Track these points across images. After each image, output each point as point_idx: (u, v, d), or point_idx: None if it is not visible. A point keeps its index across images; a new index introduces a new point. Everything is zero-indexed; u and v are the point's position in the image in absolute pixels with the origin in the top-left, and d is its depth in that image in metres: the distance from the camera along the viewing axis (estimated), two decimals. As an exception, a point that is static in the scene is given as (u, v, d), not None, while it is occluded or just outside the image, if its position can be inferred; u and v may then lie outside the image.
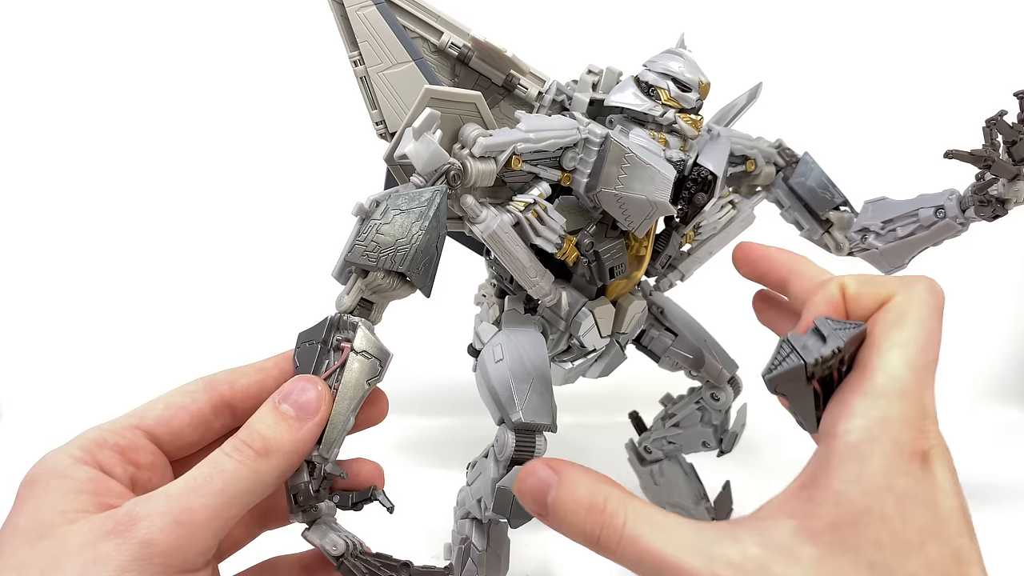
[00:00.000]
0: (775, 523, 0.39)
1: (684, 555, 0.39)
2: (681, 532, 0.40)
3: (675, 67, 0.64)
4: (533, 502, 0.44)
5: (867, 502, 0.38)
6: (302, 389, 0.48)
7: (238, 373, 0.52)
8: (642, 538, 0.40)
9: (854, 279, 0.46)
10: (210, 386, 0.51)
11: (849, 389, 0.42)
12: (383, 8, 0.62)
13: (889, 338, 0.42)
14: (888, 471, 0.38)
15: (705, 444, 0.80)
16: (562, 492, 0.43)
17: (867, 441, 0.39)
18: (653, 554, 0.39)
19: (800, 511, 0.39)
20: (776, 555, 0.38)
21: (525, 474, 0.45)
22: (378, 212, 0.52)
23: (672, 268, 0.76)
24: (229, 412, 0.51)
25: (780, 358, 0.43)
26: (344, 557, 0.48)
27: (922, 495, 0.39)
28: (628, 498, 0.42)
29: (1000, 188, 0.66)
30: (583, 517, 0.42)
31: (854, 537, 0.37)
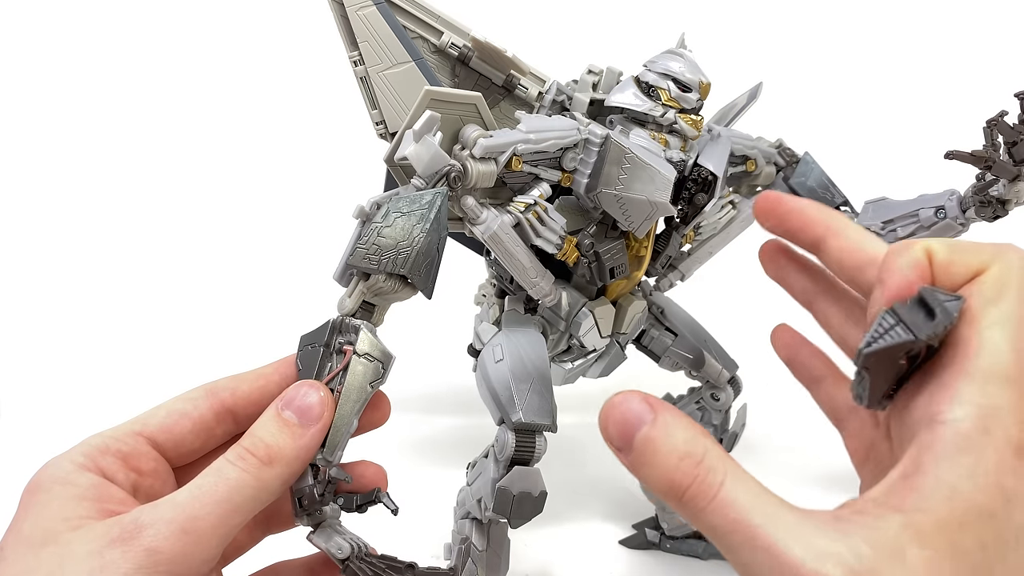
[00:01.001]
0: (882, 518, 0.36)
1: (786, 539, 0.35)
2: (783, 512, 0.36)
3: (675, 67, 0.64)
4: (618, 434, 0.39)
5: (980, 500, 0.35)
6: (304, 394, 0.48)
7: (239, 380, 0.52)
8: (738, 504, 0.36)
9: (942, 244, 0.41)
10: (212, 393, 0.51)
11: (951, 368, 0.38)
12: (383, 8, 0.62)
13: (989, 314, 0.38)
14: (1000, 468, 0.36)
15: (705, 444, 0.80)
16: (656, 430, 0.38)
17: (980, 432, 0.36)
18: (749, 528, 0.35)
19: (907, 503, 0.36)
20: (885, 557, 0.34)
21: (615, 403, 0.39)
22: (379, 215, 0.52)
23: (672, 268, 0.76)
24: (231, 419, 0.51)
25: (882, 330, 0.38)
26: (350, 560, 0.48)
27: (1020, 493, 0.36)
28: (729, 458, 0.38)
29: (1001, 189, 0.66)
30: (674, 464, 0.37)
31: (962, 537, 0.35)
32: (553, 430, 0.62)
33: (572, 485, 0.95)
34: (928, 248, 0.41)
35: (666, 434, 0.38)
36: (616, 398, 0.39)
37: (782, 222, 0.51)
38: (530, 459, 0.61)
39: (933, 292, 0.38)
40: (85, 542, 0.41)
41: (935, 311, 0.38)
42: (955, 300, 0.38)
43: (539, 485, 0.61)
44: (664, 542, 0.85)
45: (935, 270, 0.41)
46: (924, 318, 0.38)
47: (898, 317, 0.38)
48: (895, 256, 0.41)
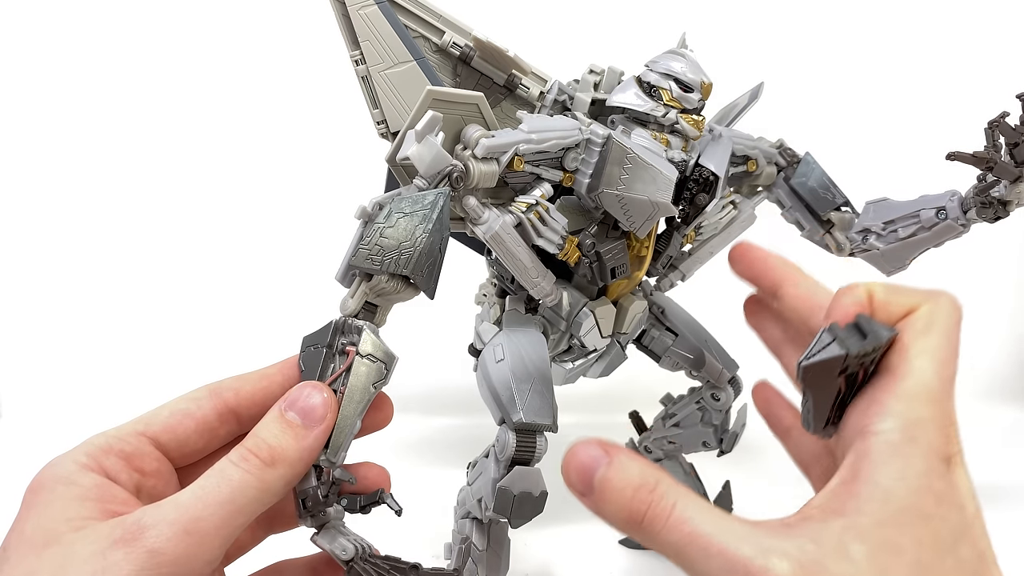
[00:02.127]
0: (825, 521, 0.39)
1: (736, 542, 0.38)
2: (732, 523, 0.40)
3: (677, 67, 0.64)
4: (579, 479, 0.43)
5: (913, 500, 0.39)
6: (308, 395, 0.48)
7: (243, 380, 0.52)
8: (691, 521, 0.39)
9: (882, 286, 0.47)
10: (215, 393, 0.51)
11: (881, 389, 0.43)
12: (385, 7, 0.62)
13: (918, 345, 0.43)
14: (928, 471, 0.40)
15: (705, 444, 0.80)
16: (612, 471, 0.41)
17: (908, 441, 0.40)
18: (702, 538, 0.39)
19: (847, 508, 0.39)
20: (830, 552, 0.38)
21: (574, 450, 0.43)
22: (381, 215, 0.51)
23: (673, 268, 0.76)
24: (234, 419, 0.51)
25: (820, 346, 0.43)
26: (354, 561, 0.48)
27: (953, 497, 0.40)
28: (679, 485, 0.41)
29: (1002, 190, 0.66)
30: (630, 495, 0.41)
31: (900, 535, 0.38)
32: (554, 430, 0.62)
33: (572, 485, 0.95)
34: (870, 289, 0.46)
35: (621, 471, 0.41)
36: (574, 447, 0.43)
37: (749, 268, 0.58)
38: (531, 459, 0.61)
39: (868, 319, 0.44)
40: (88, 543, 0.41)
41: (867, 334, 0.43)
42: (888, 329, 0.44)
43: (540, 485, 0.61)
44: (664, 542, 0.85)
45: (875, 307, 0.46)
46: (857, 339, 0.43)
47: (834, 335, 0.43)
48: (841, 295, 0.47)
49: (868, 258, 0.76)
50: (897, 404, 0.42)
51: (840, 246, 0.76)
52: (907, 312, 0.46)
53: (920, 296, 0.46)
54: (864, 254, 0.76)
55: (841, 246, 0.76)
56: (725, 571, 0.38)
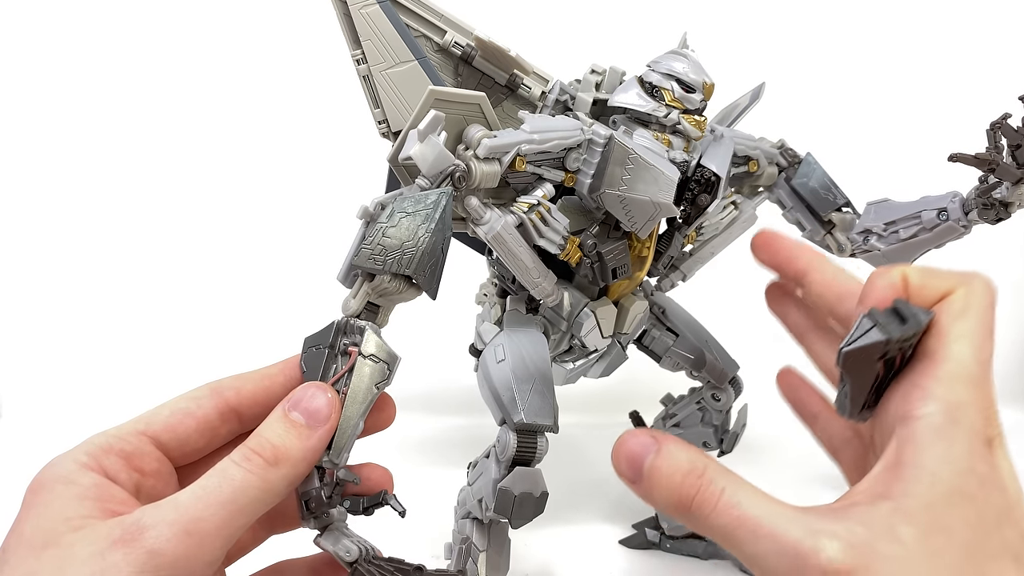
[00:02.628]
0: (872, 505, 0.40)
1: (785, 524, 0.39)
2: (781, 507, 0.40)
3: (679, 68, 0.63)
4: (629, 466, 0.44)
5: (958, 482, 0.39)
6: (312, 396, 0.48)
7: (244, 379, 0.52)
8: (740, 505, 0.40)
9: (916, 270, 0.47)
10: (216, 392, 0.51)
11: (921, 373, 0.43)
12: (386, 7, 0.62)
13: (956, 328, 0.44)
14: (971, 453, 0.40)
15: (706, 444, 0.80)
16: (661, 458, 0.43)
17: (950, 423, 0.40)
18: (751, 521, 0.40)
19: (893, 491, 0.40)
20: (880, 534, 0.38)
21: (624, 439, 0.45)
22: (384, 215, 0.51)
23: (674, 268, 0.75)
24: (236, 418, 0.51)
25: (860, 332, 0.43)
26: (358, 563, 0.48)
27: (995, 479, 0.40)
28: (727, 471, 0.43)
29: (1004, 191, 0.66)
30: (679, 480, 0.42)
31: (947, 516, 0.39)
32: (555, 431, 0.62)
33: (572, 485, 0.95)
34: (904, 272, 0.47)
35: (670, 457, 0.43)
36: (624, 436, 0.45)
37: (773, 256, 0.59)
38: (531, 459, 0.61)
39: (906, 304, 0.44)
40: (87, 543, 0.40)
41: (907, 318, 0.43)
42: (926, 313, 0.44)
43: (540, 485, 0.61)
44: (664, 542, 0.85)
45: (910, 291, 0.46)
46: (897, 324, 0.43)
47: (875, 321, 0.43)
48: (876, 278, 0.47)
49: (869, 259, 0.76)
50: (939, 388, 0.42)
51: (841, 247, 0.76)
52: (942, 295, 0.46)
53: (955, 279, 0.46)
54: (865, 255, 0.76)
55: (842, 247, 0.76)
56: (775, 553, 0.39)
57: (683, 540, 0.85)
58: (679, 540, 0.85)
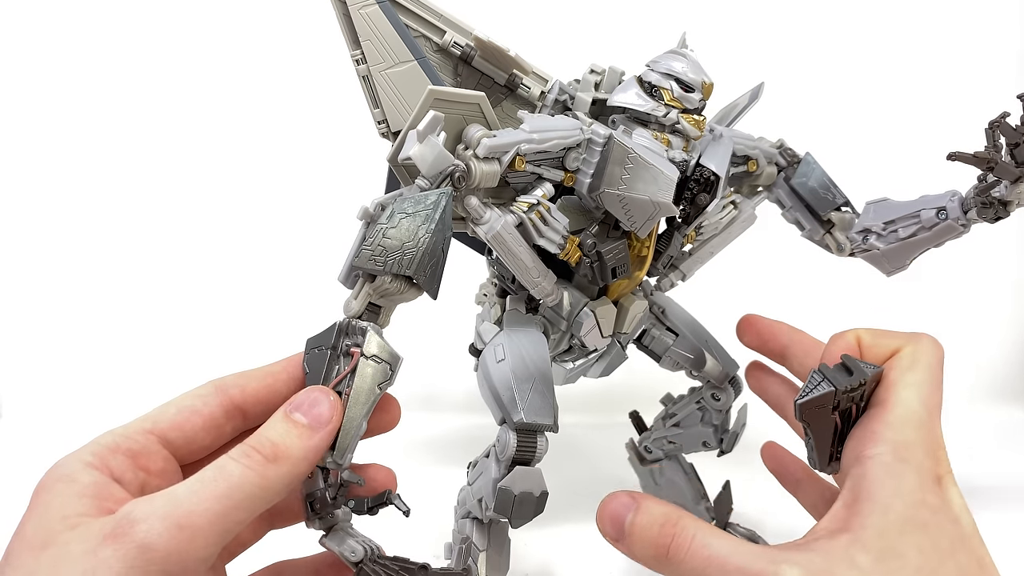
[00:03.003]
0: (832, 538, 0.44)
1: (751, 559, 0.44)
2: (747, 545, 0.46)
3: (678, 67, 0.63)
4: (611, 525, 0.51)
5: (910, 512, 0.44)
6: (314, 401, 0.48)
7: (247, 376, 0.52)
8: (710, 546, 0.46)
9: (868, 332, 0.54)
10: (221, 389, 0.51)
11: (872, 419, 0.49)
12: (386, 7, 0.62)
13: (904, 379, 0.50)
14: (921, 487, 0.45)
15: (705, 444, 0.80)
16: (640, 515, 0.49)
17: (900, 461, 0.46)
18: (719, 559, 0.45)
19: (851, 524, 0.45)
20: (837, 562, 0.43)
21: (606, 503, 0.52)
22: (384, 216, 0.51)
23: (673, 268, 0.75)
24: (240, 416, 0.51)
25: (811, 386, 0.50)
26: (363, 563, 0.49)
27: (947, 510, 0.45)
28: (699, 521, 0.48)
29: (1002, 190, 0.66)
30: (656, 532, 0.48)
31: (901, 544, 0.43)
32: (555, 430, 0.62)
33: (572, 485, 0.95)
34: (857, 334, 0.54)
35: (647, 513, 0.49)
36: (606, 499, 0.51)
37: (757, 336, 0.68)
38: (531, 459, 0.61)
39: (852, 359, 0.51)
40: (81, 541, 0.40)
41: (853, 371, 0.50)
42: (871, 367, 0.50)
43: (540, 485, 0.61)
44: (664, 542, 0.85)
45: (863, 350, 0.53)
46: (845, 376, 0.50)
47: (823, 375, 0.50)
48: (832, 341, 0.55)
49: (868, 258, 0.76)
50: (887, 431, 0.48)
51: (840, 246, 0.76)
52: (892, 353, 0.52)
53: (903, 338, 0.53)
54: (864, 254, 0.76)
55: (841, 246, 0.76)
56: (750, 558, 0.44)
57: (683, 540, 0.85)
58: (679, 540, 0.85)
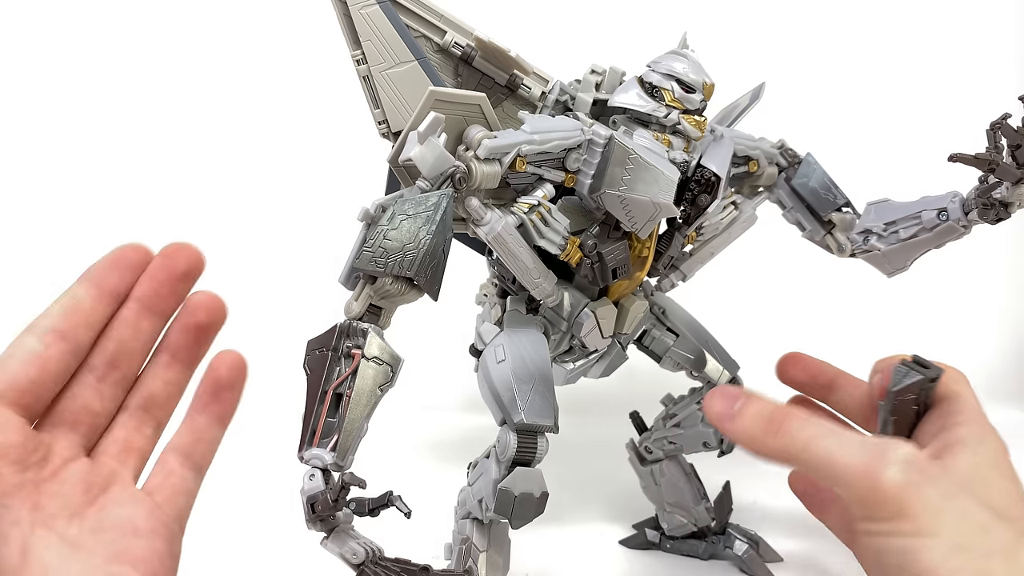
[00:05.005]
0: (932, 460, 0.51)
1: (862, 437, 0.50)
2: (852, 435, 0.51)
3: (679, 68, 0.63)
4: (722, 407, 0.55)
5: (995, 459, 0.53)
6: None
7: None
8: (821, 422, 0.51)
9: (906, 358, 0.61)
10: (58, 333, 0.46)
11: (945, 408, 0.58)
12: (386, 7, 0.62)
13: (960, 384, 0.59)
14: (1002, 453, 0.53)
15: (706, 444, 0.80)
16: (751, 401, 0.54)
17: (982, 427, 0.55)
18: (835, 432, 0.50)
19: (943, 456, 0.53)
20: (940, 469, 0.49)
21: (714, 393, 0.57)
22: (385, 218, 0.51)
23: (674, 268, 0.75)
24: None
25: (900, 376, 0.58)
26: (365, 564, 0.49)
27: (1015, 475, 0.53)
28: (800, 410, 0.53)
29: (1004, 192, 0.66)
30: (771, 410, 0.53)
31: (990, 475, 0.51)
32: (555, 431, 0.62)
33: (572, 485, 0.95)
34: (903, 357, 0.61)
35: (759, 401, 0.55)
36: (712, 392, 0.58)
37: (804, 370, 0.70)
38: (532, 460, 0.61)
39: (922, 359, 0.59)
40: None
41: (928, 366, 0.58)
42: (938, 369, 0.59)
43: (541, 486, 0.61)
44: (664, 542, 0.85)
45: None
46: (924, 370, 0.58)
47: (908, 368, 0.58)
48: (879, 363, 0.63)
49: (869, 259, 0.76)
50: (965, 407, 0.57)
51: (841, 247, 0.76)
52: None
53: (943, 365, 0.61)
54: (865, 255, 0.76)
55: (842, 247, 0.76)
56: (858, 445, 0.49)
57: (683, 540, 0.85)
58: (679, 540, 0.85)
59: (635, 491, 0.87)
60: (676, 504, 0.84)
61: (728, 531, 0.84)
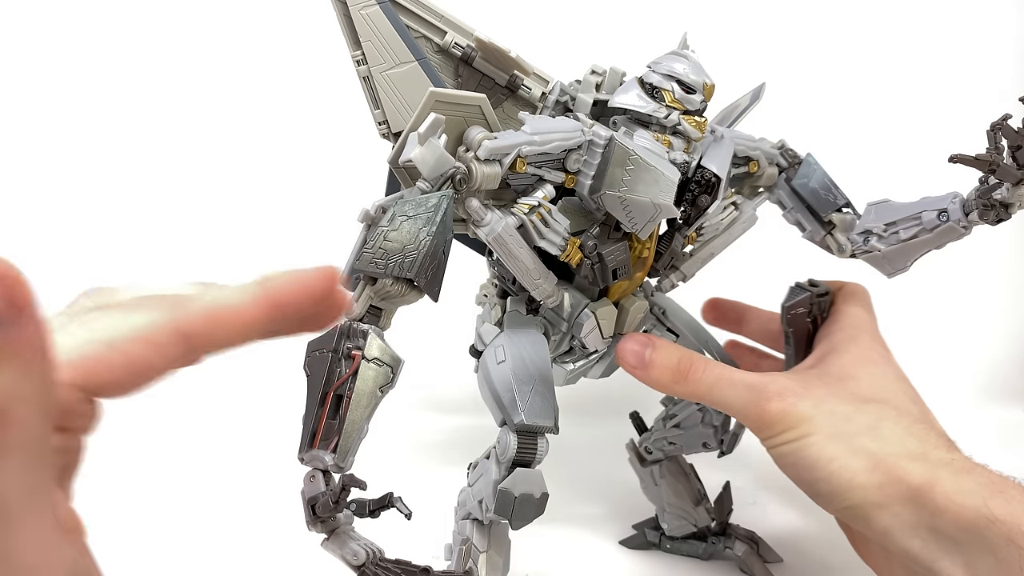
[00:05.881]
0: (807, 370, 0.68)
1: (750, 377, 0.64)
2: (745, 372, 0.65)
3: (679, 69, 0.63)
4: (634, 357, 0.66)
5: (863, 355, 0.68)
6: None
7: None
8: (719, 368, 0.64)
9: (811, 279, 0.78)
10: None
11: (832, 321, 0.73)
12: (386, 7, 0.62)
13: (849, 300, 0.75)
14: (871, 345, 0.69)
15: (706, 445, 0.80)
16: (659, 350, 0.65)
17: (856, 330, 0.71)
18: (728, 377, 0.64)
19: (820, 363, 0.68)
20: (813, 379, 0.66)
21: (624, 340, 0.67)
22: (385, 219, 0.51)
23: (674, 269, 0.75)
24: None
25: (793, 295, 0.74)
26: (365, 566, 0.49)
27: (890, 359, 0.69)
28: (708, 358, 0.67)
29: (1004, 192, 0.66)
30: (676, 362, 0.64)
31: (856, 371, 0.66)
32: (555, 432, 0.62)
33: (572, 485, 0.95)
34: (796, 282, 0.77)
35: (665, 348, 0.66)
36: (624, 339, 0.67)
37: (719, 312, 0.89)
38: (532, 461, 0.61)
39: (813, 279, 0.76)
40: None
41: (819, 284, 0.75)
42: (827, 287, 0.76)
43: (541, 487, 0.61)
44: (664, 542, 0.85)
45: None
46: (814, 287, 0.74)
47: (800, 287, 0.75)
48: None
49: (869, 259, 0.75)
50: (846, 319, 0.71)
51: (841, 247, 0.76)
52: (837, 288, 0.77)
53: (840, 282, 0.77)
54: (865, 256, 0.75)
55: (842, 247, 0.76)
56: (745, 387, 0.63)
57: (683, 541, 0.85)
58: (679, 540, 0.85)
59: (635, 491, 0.87)
60: (675, 504, 0.84)
61: (728, 531, 0.84)
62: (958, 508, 0.54)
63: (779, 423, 0.60)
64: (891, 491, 0.56)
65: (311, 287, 0.37)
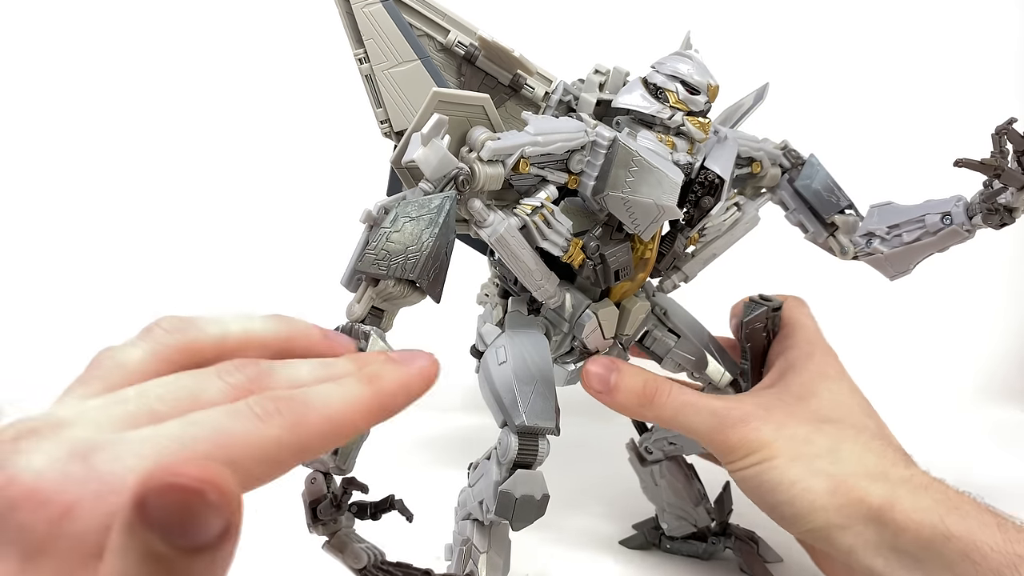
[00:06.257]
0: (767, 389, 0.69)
1: (714, 401, 0.64)
2: (710, 396, 0.66)
3: (684, 69, 0.63)
4: (599, 381, 0.64)
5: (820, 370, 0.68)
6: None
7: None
8: (684, 394, 0.64)
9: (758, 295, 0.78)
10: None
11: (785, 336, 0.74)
12: (389, 6, 0.62)
13: (797, 313, 0.75)
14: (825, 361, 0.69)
15: (706, 446, 0.80)
16: (624, 375, 0.64)
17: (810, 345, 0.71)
18: (693, 402, 0.64)
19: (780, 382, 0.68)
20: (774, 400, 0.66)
21: (589, 364, 0.65)
22: (387, 220, 0.51)
23: (676, 270, 0.75)
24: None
25: (750, 311, 0.74)
26: (366, 569, 0.48)
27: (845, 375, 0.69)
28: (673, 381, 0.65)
29: (1008, 197, 0.66)
30: (641, 387, 0.64)
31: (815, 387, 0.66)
32: (556, 433, 0.62)
33: (572, 485, 0.95)
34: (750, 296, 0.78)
35: (629, 373, 0.65)
36: (588, 362, 0.66)
37: None
38: (533, 462, 0.61)
39: (764, 295, 0.76)
40: None
41: (771, 299, 0.76)
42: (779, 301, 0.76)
43: (542, 488, 0.61)
44: (664, 542, 0.85)
45: None
46: (768, 302, 0.75)
47: (755, 302, 0.75)
48: (736, 305, 0.80)
49: (872, 262, 0.75)
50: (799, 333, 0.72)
51: (844, 249, 0.76)
52: None
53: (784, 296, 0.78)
54: (868, 258, 0.75)
55: (845, 249, 0.76)
56: (709, 414, 0.63)
57: (683, 541, 0.85)
58: (679, 540, 0.85)
59: (635, 491, 0.87)
60: (675, 505, 0.84)
61: (728, 531, 0.84)
62: (917, 526, 0.55)
63: (741, 448, 0.61)
64: (852, 512, 0.57)
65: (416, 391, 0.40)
